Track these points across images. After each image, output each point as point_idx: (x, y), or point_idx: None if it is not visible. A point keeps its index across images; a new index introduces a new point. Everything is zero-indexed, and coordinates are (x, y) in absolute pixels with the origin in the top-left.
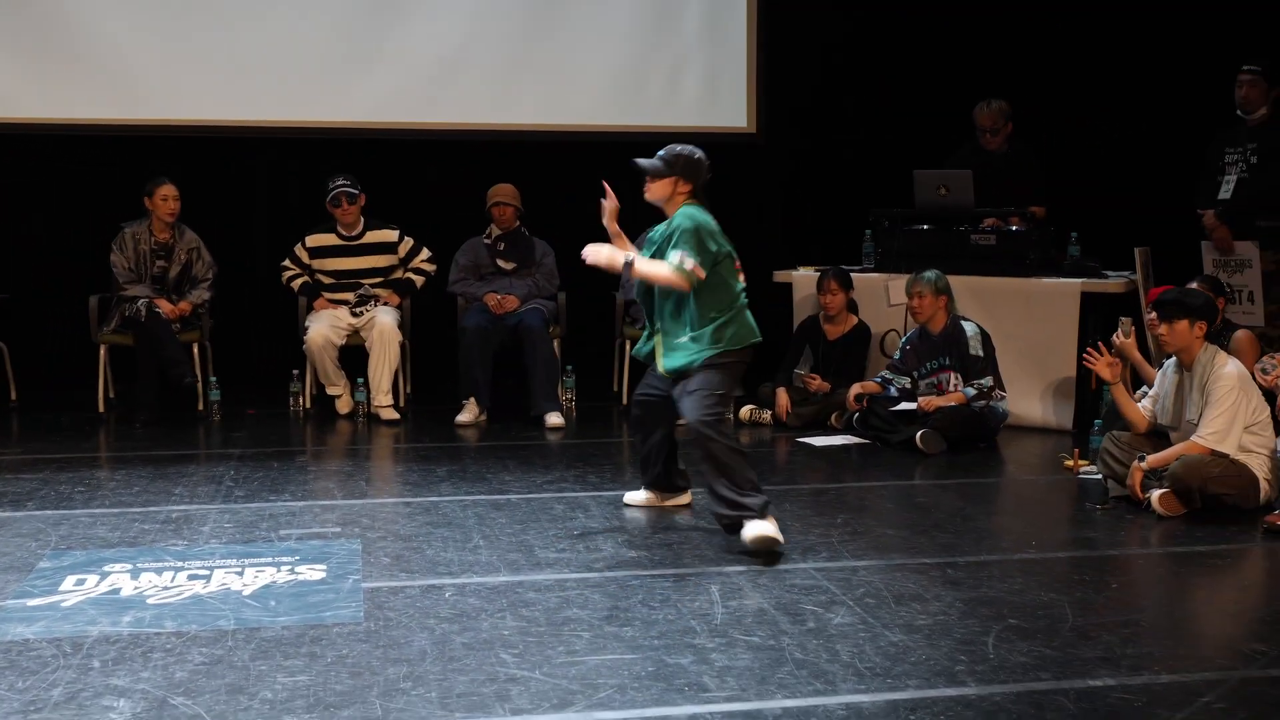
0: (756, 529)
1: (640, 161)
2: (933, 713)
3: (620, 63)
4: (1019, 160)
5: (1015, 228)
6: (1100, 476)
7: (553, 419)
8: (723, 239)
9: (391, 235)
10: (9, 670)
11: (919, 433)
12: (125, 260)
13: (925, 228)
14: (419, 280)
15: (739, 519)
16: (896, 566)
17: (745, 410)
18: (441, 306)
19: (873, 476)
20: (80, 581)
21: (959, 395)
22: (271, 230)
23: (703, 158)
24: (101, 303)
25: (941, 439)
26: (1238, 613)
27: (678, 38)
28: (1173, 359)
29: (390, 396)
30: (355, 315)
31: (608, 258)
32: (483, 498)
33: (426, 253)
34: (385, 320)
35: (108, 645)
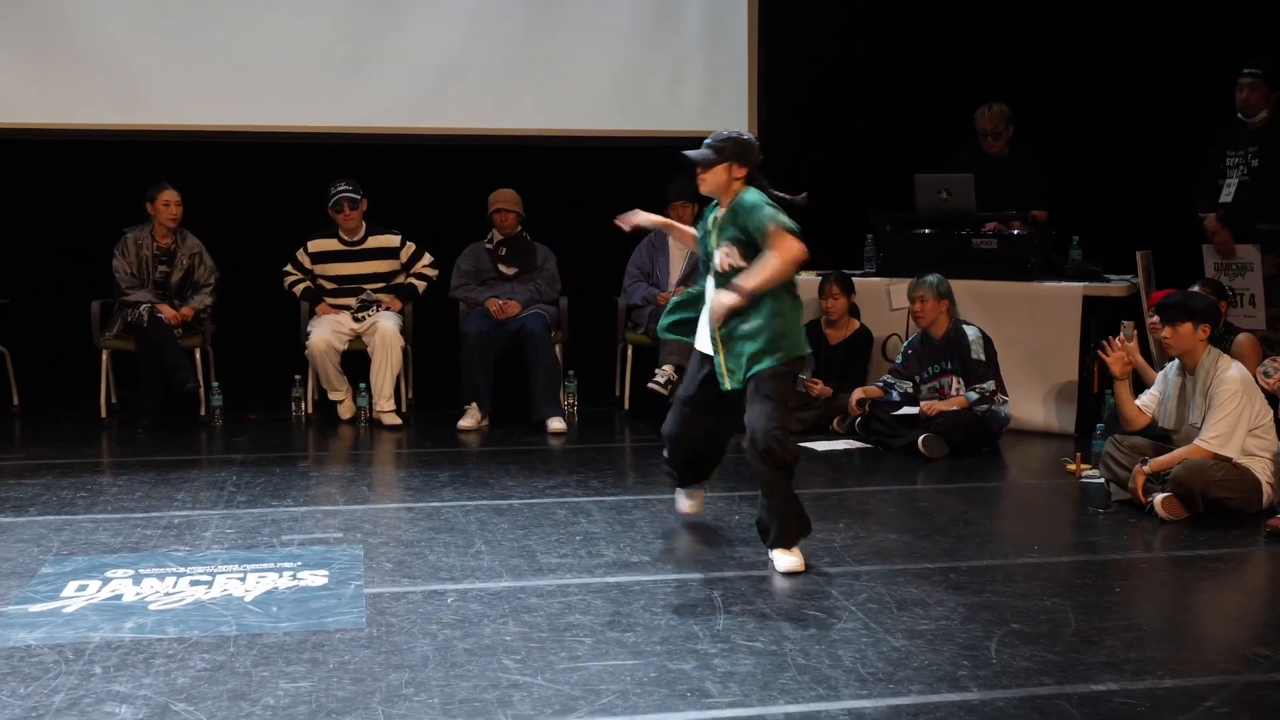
0: (787, 563)
1: (689, 153)
2: (935, 718)
3: (620, 67)
4: (1020, 164)
5: (1017, 232)
6: (1102, 480)
7: (554, 424)
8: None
9: (393, 240)
10: (11, 676)
11: (921, 437)
12: (127, 265)
13: (926, 232)
14: (421, 285)
15: (776, 541)
16: (899, 571)
17: None
18: (443, 312)
19: (875, 481)
20: (82, 587)
21: (961, 399)
22: (273, 235)
23: (753, 139)
24: (104, 308)
25: (944, 443)
26: (1241, 617)
27: (678, 40)
28: (1175, 362)
29: (392, 402)
30: (357, 320)
31: (732, 303)
32: (485, 503)
33: (428, 258)
34: (387, 325)
35: (110, 651)
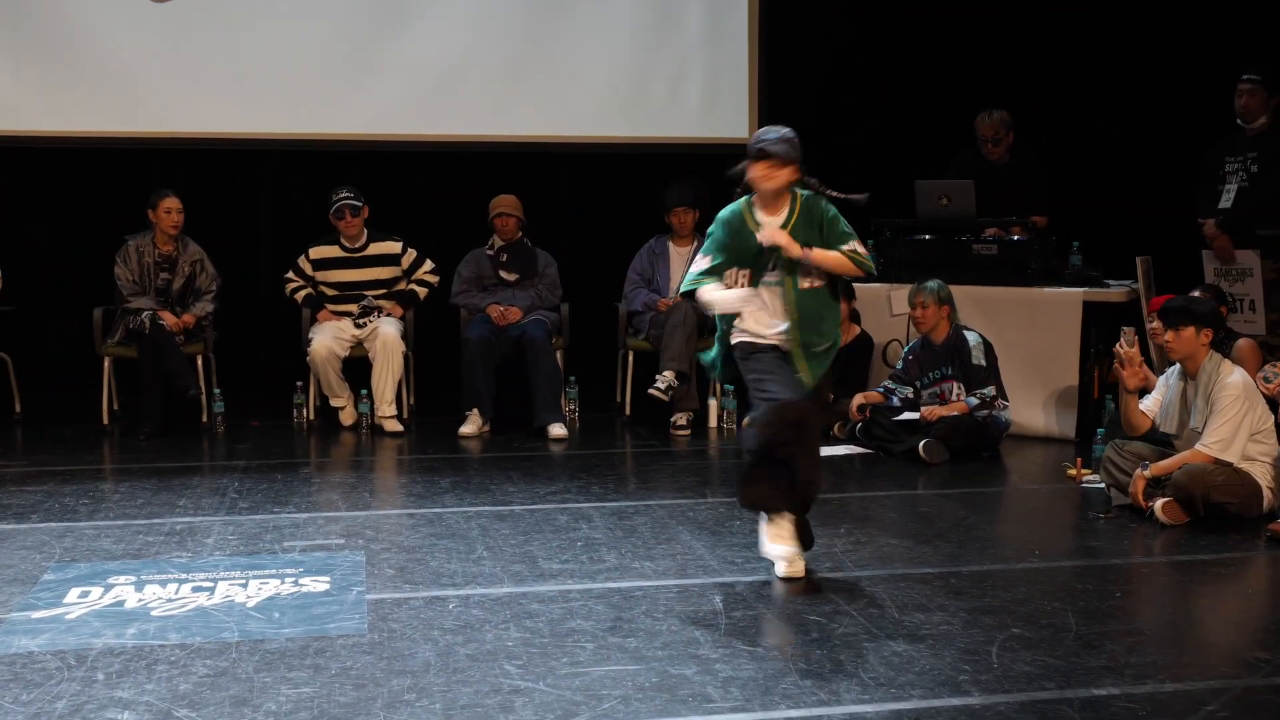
0: (790, 568)
1: (772, 148)
2: None
3: (621, 73)
4: (1020, 169)
5: (1017, 237)
6: (1103, 485)
7: (556, 430)
8: None
9: (394, 247)
10: (13, 683)
11: (922, 442)
12: (129, 273)
13: (927, 237)
14: (422, 292)
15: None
16: (900, 576)
17: (747, 422)
18: (444, 318)
19: (876, 486)
20: (84, 594)
21: (962, 405)
22: (275, 242)
23: None
24: (105, 315)
25: (944, 448)
26: (1241, 621)
27: (679, 45)
28: (1176, 367)
29: (393, 408)
30: (359, 327)
31: (787, 241)
32: (486, 509)
33: (429, 264)
34: (388, 332)
35: (112, 658)
